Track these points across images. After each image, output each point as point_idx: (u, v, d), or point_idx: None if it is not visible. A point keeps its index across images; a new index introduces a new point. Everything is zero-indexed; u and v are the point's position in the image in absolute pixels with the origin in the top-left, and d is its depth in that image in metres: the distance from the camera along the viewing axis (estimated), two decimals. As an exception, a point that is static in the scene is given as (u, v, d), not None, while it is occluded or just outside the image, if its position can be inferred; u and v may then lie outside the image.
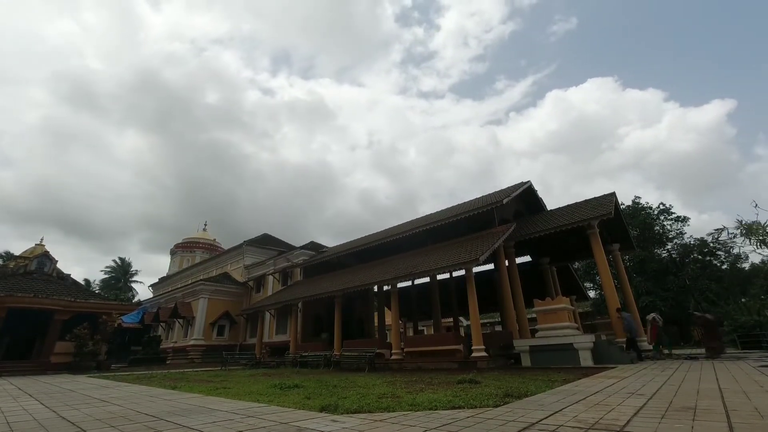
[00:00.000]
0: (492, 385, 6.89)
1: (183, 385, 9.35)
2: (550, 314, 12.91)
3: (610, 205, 14.53)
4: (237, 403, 5.96)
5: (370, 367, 14.13)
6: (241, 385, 8.93)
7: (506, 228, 15.67)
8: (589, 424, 3.51)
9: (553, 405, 4.60)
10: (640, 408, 4.22)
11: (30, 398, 7.66)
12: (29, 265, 21.91)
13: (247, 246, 32.64)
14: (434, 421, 3.95)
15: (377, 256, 20.70)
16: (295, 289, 23.45)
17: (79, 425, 4.45)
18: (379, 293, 23.66)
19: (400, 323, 21.04)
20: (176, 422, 4.41)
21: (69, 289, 21.42)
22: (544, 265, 19.30)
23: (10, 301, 18.26)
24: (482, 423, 3.74)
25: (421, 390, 6.86)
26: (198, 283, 29.75)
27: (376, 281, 16.73)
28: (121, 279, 54.22)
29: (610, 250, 16.94)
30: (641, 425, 3.39)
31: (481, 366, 12.11)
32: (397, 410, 4.71)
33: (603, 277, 14.44)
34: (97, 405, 6.29)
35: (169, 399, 6.77)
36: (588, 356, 11.40)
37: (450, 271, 16.37)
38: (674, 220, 31.55)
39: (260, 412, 4.96)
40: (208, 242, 47.68)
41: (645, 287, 28.17)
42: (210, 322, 27.72)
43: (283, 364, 18.89)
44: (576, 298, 20.42)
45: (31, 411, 5.85)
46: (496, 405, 4.79)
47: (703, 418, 3.59)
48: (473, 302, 13.32)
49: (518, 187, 17.73)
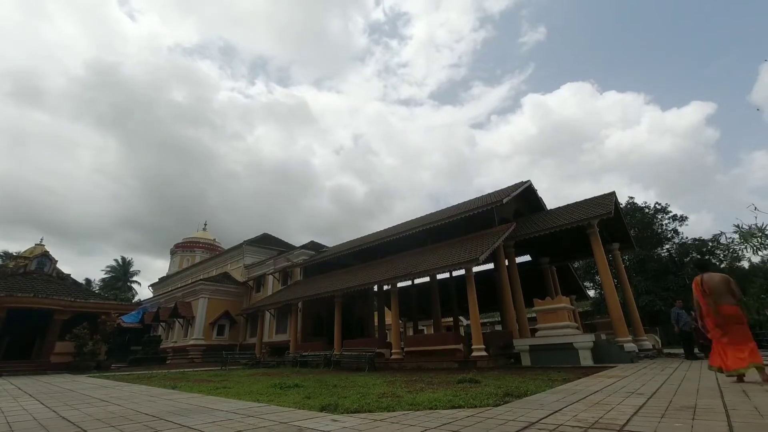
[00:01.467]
0: (492, 385, 6.89)
1: (183, 385, 9.35)
2: (550, 314, 12.92)
3: (610, 204, 14.53)
4: (237, 402, 5.95)
5: (370, 366, 14.14)
6: (241, 385, 8.93)
7: (506, 227, 15.67)
8: (589, 423, 3.51)
9: (553, 404, 4.60)
10: (639, 407, 4.23)
11: (30, 398, 7.66)
12: (29, 265, 21.90)
13: (247, 246, 32.66)
14: (434, 420, 3.95)
15: (377, 256, 20.71)
16: (295, 289, 23.45)
17: (80, 425, 4.45)
18: (379, 293, 23.67)
19: (400, 323, 21.05)
20: (176, 422, 4.40)
21: (69, 289, 21.41)
22: (544, 264, 19.30)
23: (9, 301, 18.26)
24: (482, 422, 3.74)
25: (421, 389, 6.86)
26: (198, 282, 29.75)
27: (376, 281, 16.74)
28: (121, 279, 54.25)
29: (610, 250, 16.94)
30: (641, 424, 3.39)
31: (481, 365, 12.13)
32: (397, 410, 4.71)
33: (603, 277, 14.44)
34: (97, 405, 6.29)
35: (169, 399, 6.77)
36: (588, 356, 11.40)
37: (450, 270, 16.38)
38: (671, 219, 31.56)
39: (260, 411, 4.96)
40: (208, 242, 47.69)
41: (645, 287, 28.18)
42: (210, 322, 27.72)
43: (283, 363, 18.89)
44: (576, 297, 20.43)
45: (31, 411, 5.85)
46: (496, 404, 4.79)
47: (703, 417, 3.59)
48: (473, 302, 13.33)
49: (518, 186, 17.73)
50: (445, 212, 19.41)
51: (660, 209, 32.00)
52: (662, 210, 31.89)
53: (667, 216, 31.69)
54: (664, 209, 31.88)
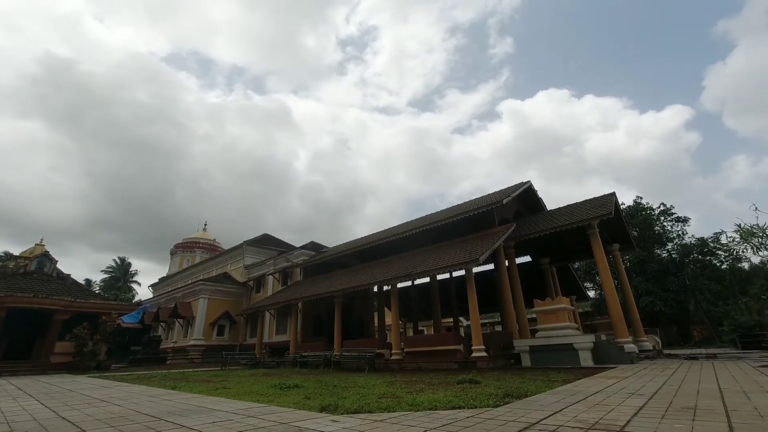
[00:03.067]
0: (492, 386, 6.89)
1: (183, 385, 9.35)
2: (550, 314, 12.91)
3: (610, 205, 14.53)
4: (237, 403, 5.96)
5: (370, 367, 14.13)
6: (241, 385, 8.93)
7: (506, 228, 15.66)
8: (589, 424, 3.51)
9: (553, 405, 4.60)
10: (640, 408, 4.23)
11: (30, 398, 7.66)
12: (29, 265, 21.90)
13: (247, 246, 32.65)
14: (434, 421, 3.95)
15: (377, 256, 20.71)
16: (295, 289, 23.45)
17: (80, 425, 4.45)
18: (379, 293, 23.66)
19: (400, 323, 21.05)
20: (176, 422, 4.41)
21: (69, 289, 21.41)
22: (544, 265, 19.29)
23: (10, 301, 18.26)
24: (482, 423, 3.74)
25: (421, 390, 6.86)
26: (198, 283, 29.74)
27: (376, 281, 16.73)
28: (121, 279, 54.28)
29: (610, 250, 16.94)
30: (641, 425, 3.39)
31: (481, 366, 12.12)
32: (397, 410, 4.71)
33: (603, 277, 14.43)
34: (97, 405, 6.29)
35: (169, 399, 6.77)
36: (588, 356, 11.40)
37: (450, 271, 16.37)
38: (675, 221, 31.55)
39: (260, 412, 4.96)
40: (208, 242, 47.66)
41: (645, 287, 28.18)
42: (210, 322, 27.71)
43: (283, 364, 18.88)
44: (576, 298, 20.41)
45: (31, 411, 5.85)
46: (496, 405, 4.79)
47: (703, 418, 3.59)
48: (473, 302, 13.32)
49: (518, 187, 17.73)
50: (445, 213, 19.40)
51: (664, 210, 32.00)
52: (666, 211, 31.90)
53: (670, 217, 31.71)
54: (667, 210, 31.89)
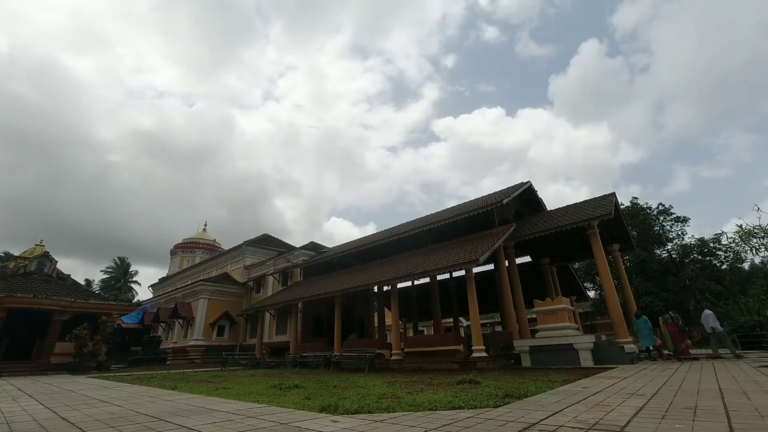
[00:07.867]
0: (492, 386, 6.89)
1: (183, 386, 9.35)
2: (550, 314, 12.91)
3: (610, 205, 14.53)
4: (237, 403, 5.95)
5: (370, 367, 14.12)
6: (241, 386, 8.93)
7: (506, 228, 15.67)
8: (589, 424, 3.51)
9: (553, 405, 4.60)
10: (640, 408, 4.22)
11: (30, 399, 7.66)
12: (29, 266, 21.90)
13: (247, 246, 32.64)
14: (434, 421, 3.95)
15: (377, 257, 20.71)
16: (295, 290, 23.44)
17: (79, 426, 4.45)
18: (379, 293, 23.66)
19: (400, 324, 21.04)
20: (176, 423, 4.40)
21: (69, 290, 21.41)
22: (544, 265, 19.29)
23: (9, 302, 18.25)
24: (482, 423, 3.74)
25: (421, 390, 6.86)
26: (198, 283, 29.73)
27: (376, 281, 16.73)
28: (121, 279, 54.27)
29: (610, 251, 16.93)
30: (641, 425, 3.39)
31: (481, 366, 12.12)
32: (397, 411, 4.71)
33: (603, 278, 14.42)
34: (97, 405, 6.28)
35: (169, 399, 6.77)
36: (588, 356, 11.40)
37: (450, 271, 16.37)
38: (674, 221, 31.54)
39: (260, 412, 4.96)
40: (208, 242, 47.64)
41: (645, 287, 28.14)
42: (210, 323, 27.71)
43: (283, 364, 18.87)
44: (576, 298, 20.42)
45: (31, 412, 5.84)
46: (496, 405, 4.79)
47: (704, 418, 3.59)
48: (473, 302, 13.32)
49: (518, 187, 17.73)
50: (445, 213, 19.39)
51: (663, 210, 32.00)
52: (665, 211, 31.89)
53: (669, 217, 31.70)
54: (666, 210, 31.89)
